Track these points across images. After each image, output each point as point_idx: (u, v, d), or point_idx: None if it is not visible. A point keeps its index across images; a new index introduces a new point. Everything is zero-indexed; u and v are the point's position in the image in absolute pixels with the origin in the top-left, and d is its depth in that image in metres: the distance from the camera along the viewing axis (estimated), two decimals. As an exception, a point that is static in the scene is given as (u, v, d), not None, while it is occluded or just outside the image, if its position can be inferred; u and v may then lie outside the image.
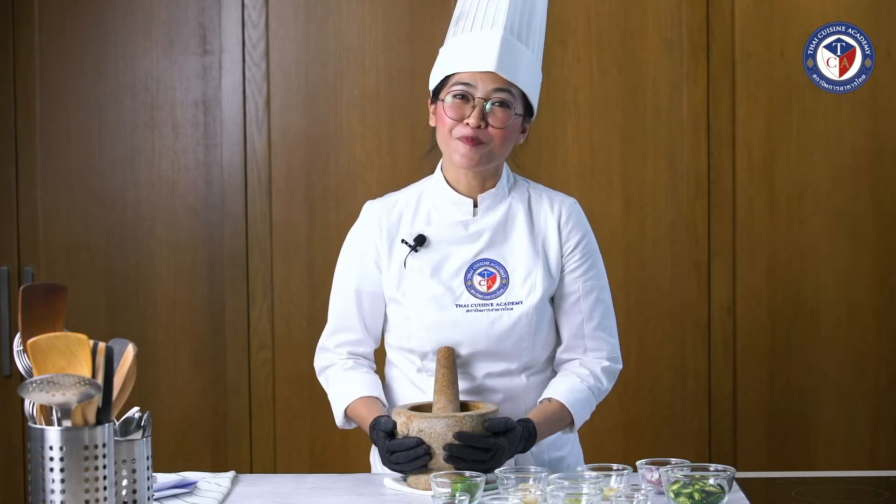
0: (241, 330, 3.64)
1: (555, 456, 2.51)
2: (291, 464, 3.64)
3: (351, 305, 2.51)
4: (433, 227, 2.46)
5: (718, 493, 2.06)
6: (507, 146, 2.42)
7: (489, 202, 2.47)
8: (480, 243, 2.44)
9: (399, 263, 2.46)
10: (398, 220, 2.49)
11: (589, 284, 2.49)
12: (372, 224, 2.50)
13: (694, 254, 3.61)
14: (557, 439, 2.52)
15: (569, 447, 2.57)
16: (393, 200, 2.53)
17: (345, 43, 3.63)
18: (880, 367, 3.63)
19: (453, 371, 2.35)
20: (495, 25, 2.39)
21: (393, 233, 2.48)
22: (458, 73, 2.39)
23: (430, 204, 2.49)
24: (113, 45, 3.64)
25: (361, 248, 2.50)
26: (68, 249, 3.65)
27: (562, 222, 2.48)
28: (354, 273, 2.50)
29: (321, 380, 2.59)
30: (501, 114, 2.38)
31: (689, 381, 3.62)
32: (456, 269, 2.43)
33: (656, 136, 3.60)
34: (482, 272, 2.43)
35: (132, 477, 1.89)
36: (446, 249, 2.44)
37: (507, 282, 2.42)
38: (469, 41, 2.40)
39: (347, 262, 2.53)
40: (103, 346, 1.79)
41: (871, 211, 3.61)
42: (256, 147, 3.62)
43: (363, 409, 2.44)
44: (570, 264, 2.48)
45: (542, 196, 2.52)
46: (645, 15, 3.59)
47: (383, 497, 2.26)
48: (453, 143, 2.40)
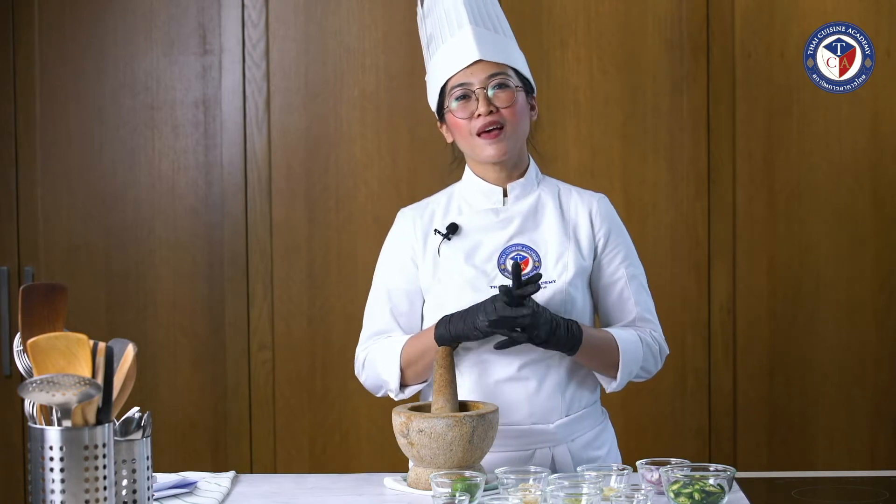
0: (241, 330, 3.64)
1: (593, 455, 2.49)
2: (291, 464, 3.64)
3: (385, 307, 2.53)
4: (465, 217, 2.51)
5: (718, 493, 2.06)
6: (523, 123, 2.48)
7: (518, 191, 2.51)
8: (511, 229, 2.48)
9: (433, 253, 2.49)
10: (431, 217, 2.54)
11: (631, 271, 2.53)
12: (406, 226, 2.55)
13: (694, 254, 3.61)
14: (595, 439, 2.50)
15: (607, 447, 2.54)
16: (425, 203, 2.59)
17: (345, 43, 3.63)
18: (880, 367, 3.63)
19: (451, 371, 2.35)
20: (461, 25, 2.48)
21: (427, 229, 2.53)
22: (449, 78, 2.46)
23: (461, 198, 2.55)
24: (113, 45, 3.64)
25: (398, 249, 2.54)
26: (68, 249, 3.65)
27: (593, 213, 2.52)
28: (391, 274, 2.54)
29: (362, 376, 2.54)
30: (504, 94, 2.44)
31: (689, 380, 3.62)
32: (489, 253, 2.46)
33: (656, 136, 3.61)
34: (515, 256, 2.46)
35: (132, 477, 1.89)
36: (478, 236, 2.48)
37: (540, 264, 2.45)
38: (446, 50, 2.48)
39: (385, 266, 2.56)
40: (103, 346, 1.79)
41: (871, 211, 3.61)
42: (256, 147, 3.63)
43: (416, 339, 2.44)
44: (608, 254, 2.51)
45: (571, 191, 2.57)
46: (645, 15, 3.59)
47: (383, 497, 2.26)
48: (475, 141, 2.45)
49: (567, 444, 2.45)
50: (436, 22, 2.52)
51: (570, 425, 2.46)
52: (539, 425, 2.43)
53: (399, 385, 2.46)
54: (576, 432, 2.47)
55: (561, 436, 2.44)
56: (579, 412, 2.47)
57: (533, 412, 2.43)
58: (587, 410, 2.49)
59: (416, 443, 2.25)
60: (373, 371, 2.51)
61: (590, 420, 2.50)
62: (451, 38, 2.48)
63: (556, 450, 2.44)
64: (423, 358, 2.42)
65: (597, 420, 2.52)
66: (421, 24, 2.57)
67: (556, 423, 2.43)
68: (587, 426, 2.49)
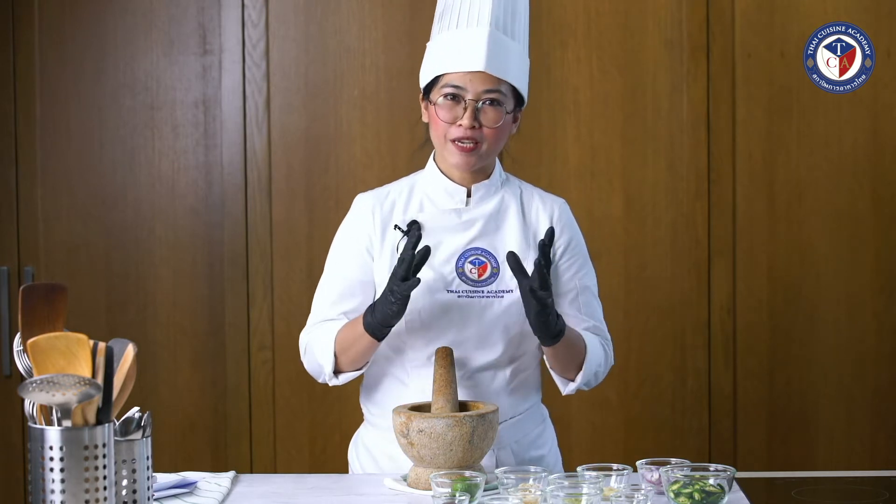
0: (241, 330, 3.64)
1: (534, 455, 2.51)
2: (291, 464, 3.64)
3: (335, 294, 2.49)
4: (426, 214, 2.46)
5: (718, 493, 2.06)
6: (500, 143, 2.44)
7: (482, 193, 2.48)
8: (473, 232, 2.45)
9: (391, 249, 2.46)
10: (391, 208, 2.49)
11: (583, 282, 2.52)
12: (364, 213, 2.49)
13: (694, 254, 3.61)
14: (538, 438, 2.53)
15: (548, 446, 2.57)
16: (385, 191, 2.53)
17: (345, 43, 3.63)
18: (880, 367, 3.63)
19: (451, 371, 2.35)
20: (480, 22, 2.38)
21: (386, 221, 2.47)
22: (447, 73, 2.39)
23: (423, 193, 2.50)
24: (113, 45, 3.64)
25: (354, 237, 2.50)
26: (68, 249, 3.65)
27: (554, 220, 2.50)
28: (345, 262, 2.49)
29: (304, 361, 2.52)
30: (493, 113, 2.39)
31: (689, 381, 3.62)
32: (447, 256, 2.44)
33: (656, 136, 3.61)
34: (473, 260, 2.44)
35: (132, 477, 1.89)
36: (439, 236, 2.44)
37: (498, 271, 2.43)
38: (456, 39, 2.39)
39: (339, 253, 2.52)
40: (103, 346, 1.79)
41: (871, 211, 3.61)
42: (256, 147, 3.63)
43: (349, 325, 2.42)
44: (563, 263, 2.50)
45: (533, 194, 2.54)
46: (645, 15, 3.59)
47: (383, 497, 2.26)
48: (448, 145, 2.42)
49: (511, 445, 2.47)
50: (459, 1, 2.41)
51: (513, 427, 2.48)
52: None
53: (332, 370, 2.43)
54: (519, 433, 2.49)
55: (505, 438, 2.45)
56: (522, 414, 2.49)
57: None
58: (529, 412, 2.51)
59: (416, 443, 2.25)
60: (311, 356, 2.49)
61: (531, 421, 2.52)
62: (466, 29, 2.38)
63: (500, 452, 2.45)
64: (355, 345, 2.39)
65: (538, 420, 2.55)
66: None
67: (501, 426, 2.42)
68: (529, 427, 2.51)
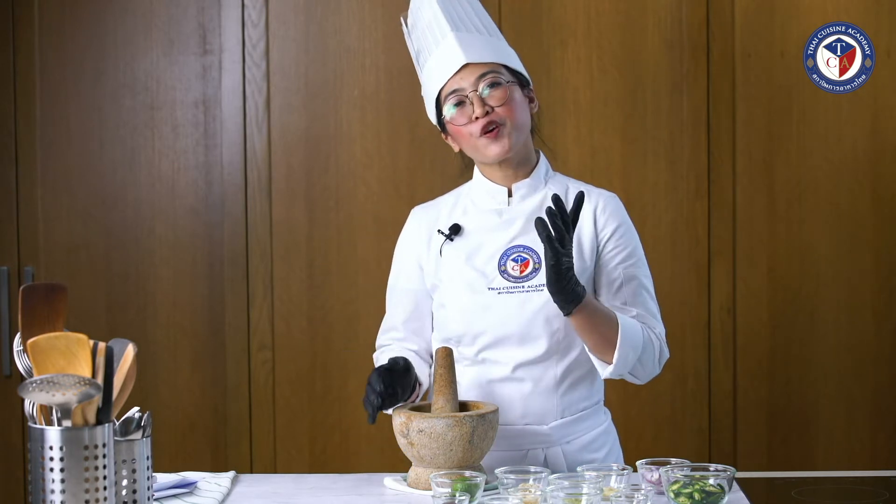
0: (241, 330, 3.64)
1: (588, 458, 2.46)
2: (291, 464, 3.64)
3: (395, 307, 2.59)
4: (468, 217, 2.52)
5: (718, 493, 2.06)
6: (522, 117, 2.47)
7: (524, 191, 2.51)
8: (514, 230, 2.47)
9: (436, 254, 2.51)
10: (437, 216, 2.56)
11: (630, 272, 2.47)
12: (413, 225, 2.59)
13: (694, 254, 3.61)
14: (592, 441, 2.49)
15: (606, 449, 2.52)
16: (435, 202, 2.62)
17: (345, 43, 3.63)
18: (880, 367, 3.63)
19: (451, 371, 2.35)
20: (444, 34, 2.48)
21: (431, 229, 2.55)
22: (442, 87, 2.47)
23: (468, 198, 2.56)
24: (113, 45, 3.64)
25: (405, 250, 2.59)
26: (68, 249, 3.65)
27: (598, 211, 2.50)
28: (398, 274, 2.59)
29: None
30: (497, 92, 2.44)
31: (689, 381, 3.62)
32: (489, 254, 2.47)
33: (656, 136, 3.61)
34: (516, 258, 2.46)
35: (132, 477, 1.89)
36: (481, 237, 2.49)
37: (540, 266, 2.43)
38: (434, 61, 2.49)
39: (395, 264, 2.61)
40: (103, 346, 1.79)
41: (871, 211, 3.61)
42: (256, 147, 3.63)
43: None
44: (607, 253, 2.47)
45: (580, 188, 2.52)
46: (645, 15, 3.59)
47: (383, 497, 2.26)
48: (478, 143, 2.45)
49: (561, 445, 2.45)
50: (420, 36, 2.53)
51: (565, 427, 2.45)
52: (532, 426, 2.43)
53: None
54: (571, 434, 2.46)
55: (555, 437, 2.44)
56: (576, 414, 2.47)
57: (526, 413, 2.44)
58: (585, 412, 2.48)
59: (416, 443, 2.25)
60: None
61: (588, 422, 2.49)
62: (437, 48, 2.48)
63: (549, 451, 2.44)
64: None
65: (596, 422, 2.51)
66: (408, 41, 2.58)
67: (551, 425, 2.43)
68: (585, 428, 2.48)
